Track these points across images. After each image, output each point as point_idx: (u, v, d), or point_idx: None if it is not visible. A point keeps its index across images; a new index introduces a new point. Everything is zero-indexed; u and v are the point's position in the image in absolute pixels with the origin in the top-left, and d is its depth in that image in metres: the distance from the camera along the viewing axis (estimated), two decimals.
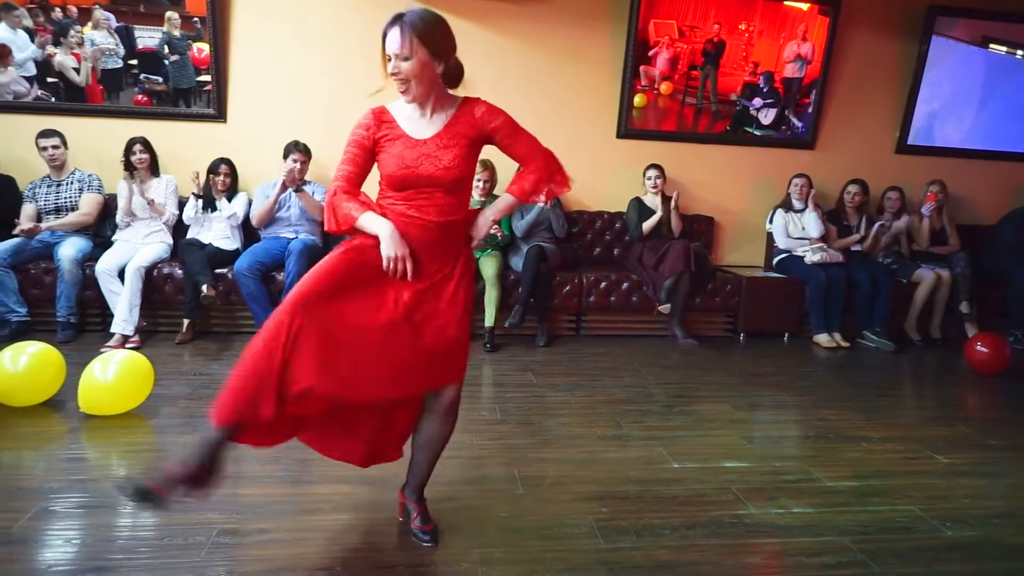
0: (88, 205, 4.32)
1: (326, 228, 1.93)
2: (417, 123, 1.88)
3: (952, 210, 5.43)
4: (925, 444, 3.06)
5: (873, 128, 5.49)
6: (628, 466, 2.68)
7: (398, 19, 1.79)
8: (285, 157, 4.45)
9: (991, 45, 5.46)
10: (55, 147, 4.24)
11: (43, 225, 4.13)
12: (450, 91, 1.92)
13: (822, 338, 4.77)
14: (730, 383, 3.86)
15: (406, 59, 1.77)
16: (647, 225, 4.80)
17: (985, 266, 5.09)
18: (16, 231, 4.05)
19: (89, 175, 4.38)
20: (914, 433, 3.20)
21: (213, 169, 4.42)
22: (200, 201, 4.38)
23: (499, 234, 4.57)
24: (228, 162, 4.47)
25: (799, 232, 5.03)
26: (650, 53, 5.05)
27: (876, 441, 3.07)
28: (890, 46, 5.36)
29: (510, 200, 1.99)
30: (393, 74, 1.80)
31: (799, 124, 5.34)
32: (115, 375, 2.93)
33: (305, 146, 4.46)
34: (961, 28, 5.36)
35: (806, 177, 5.06)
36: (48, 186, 4.30)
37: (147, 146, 4.34)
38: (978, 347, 4.20)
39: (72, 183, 4.33)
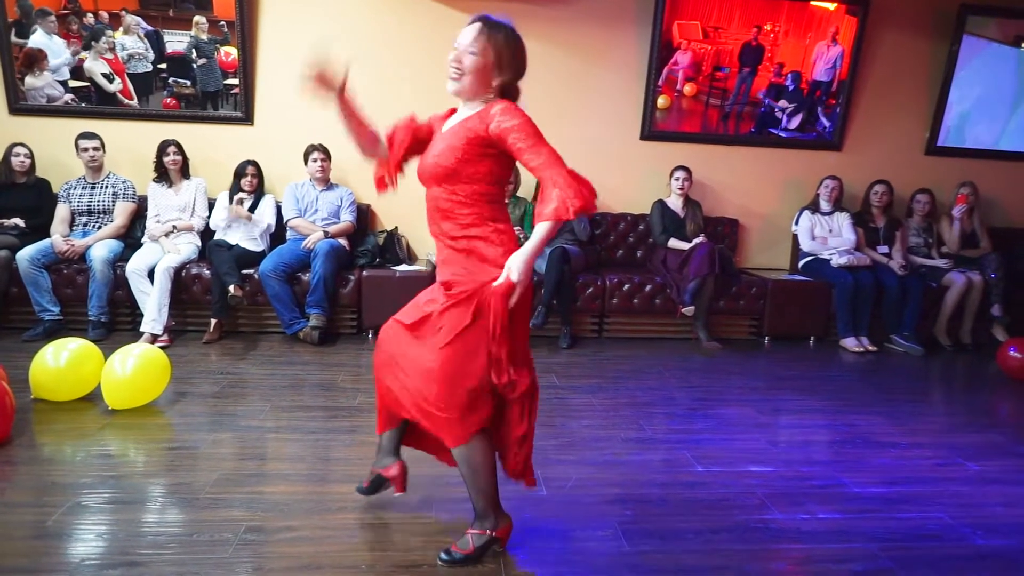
0: (122, 216, 4.41)
1: None
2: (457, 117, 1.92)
3: (983, 212, 5.32)
4: (955, 451, 3.00)
5: (902, 129, 5.41)
6: (652, 469, 2.67)
7: (481, 18, 1.84)
8: (306, 158, 4.53)
9: None
10: (95, 149, 4.34)
11: (79, 245, 4.22)
12: None
13: (849, 342, 4.71)
14: (755, 387, 3.83)
15: (472, 54, 1.81)
16: (675, 243, 4.78)
17: (1021, 269, 4.99)
18: (56, 251, 4.16)
19: (124, 181, 4.47)
20: (944, 439, 3.14)
21: (240, 171, 4.49)
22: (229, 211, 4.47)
23: (522, 236, 4.58)
24: (254, 163, 4.53)
25: (825, 233, 4.97)
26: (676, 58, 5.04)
27: (905, 447, 3.02)
28: (920, 46, 5.28)
29: (543, 229, 1.74)
30: (453, 61, 1.82)
31: (828, 123, 5.28)
32: (133, 368, 3.00)
33: (324, 147, 4.52)
34: (993, 27, 5.26)
35: (838, 180, 5.01)
36: (83, 188, 4.39)
37: (180, 148, 4.43)
38: (1012, 352, 4.12)
39: (107, 187, 4.42)
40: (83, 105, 4.67)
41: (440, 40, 1.91)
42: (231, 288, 4.07)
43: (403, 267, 4.59)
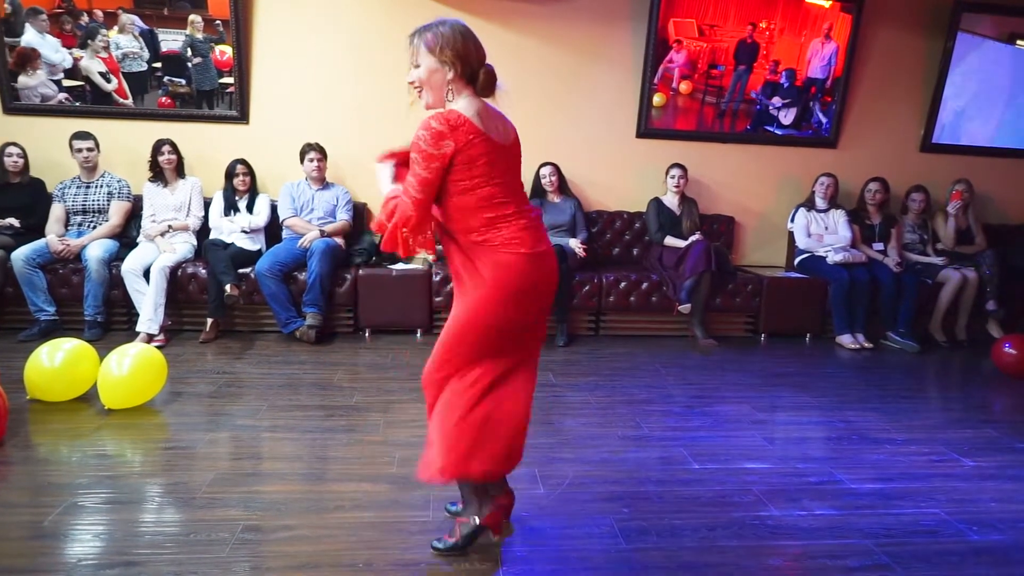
0: (117, 215, 4.40)
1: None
2: None
3: (978, 209, 5.34)
4: (951, 446, 3.01)
5: (897, 126, 5.42)
6: (648, 466, 2.68)
7: (413, 32, 1.87)
8: (302, 157, 4.52)
9: (1018, 42, 5.36)
10: (89, 149, 4.33)
11: (74, 245, 4.20)
12: (486, 100, 1.88)
13: (845, 339, 4.72)
14: (751, 384, 3.84)
15: (416, 66, 1.86)
16: (671, 241, 4.79)
17: (1016, 265, 5.01)
18: (51, 250, 4.15)
19: (119, 181, 4.46)
20: (939, 435, 3.15)
21: (230, 171, 4.48)
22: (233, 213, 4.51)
23: None
24: (244, 162, 4.52)
25: (821, 231, 4.98)
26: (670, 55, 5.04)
27: (900, 443, 3.04)
28: (914, 43, 5.29)
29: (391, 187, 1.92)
30: (410, 82, 1.88)
31: (824, 120, 5.29)
32: (129, 368, 3.00)
33: (320, 146, 4.52)
34: (987, 24, 5.27)
35: (833, 177, 5.02)
36: (77, 187, 4.38)
37: (175, 148, 4.42)
38: (1006, 348, 4.13)
39: (101, 187, 4.40)
40: (77, 104, 4.65)
41: (406, 36, 1.90)
42: (227, 287, 4.07)
43: (399, 266, 4.58)
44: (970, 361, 4.58)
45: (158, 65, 4.68)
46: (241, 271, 4.25)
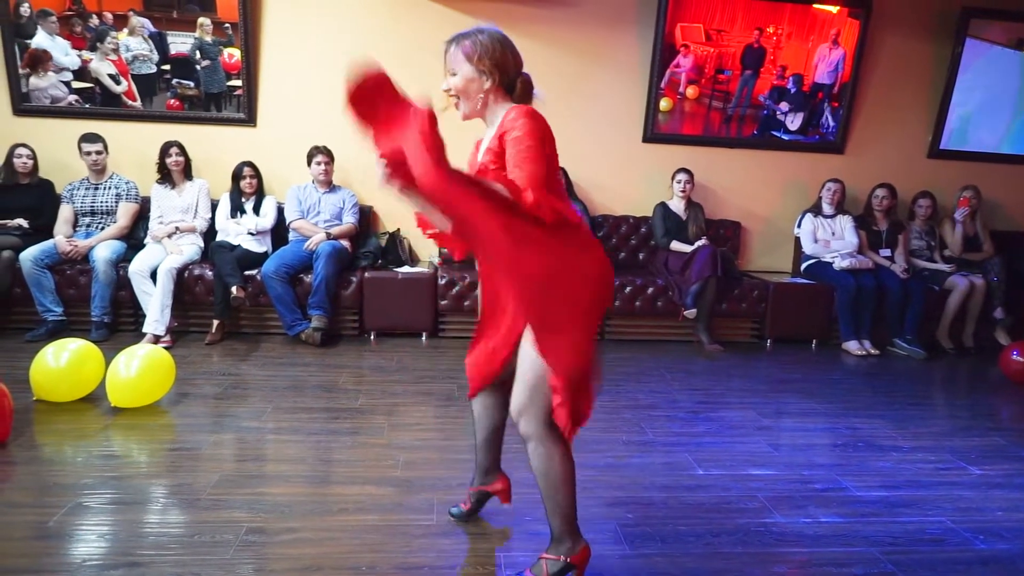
0: (125, 217, 4.42)
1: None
2: (484, 142, 1.86)
3: (986, 216, 5.32)
4: (957, 454, 3.00)
5: (905, 132, 5.41)
6: (653, 472, 2.67)
7: (451, 39, 1.82)
8: (309, 160, 4.53)
9: None
10: (98, 152, 4.35)
11: (82, 246, 4.23)
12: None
13: (851, 345, 4.70)
14: (757, 389, 3.83)
15: (453, 74, 1.80)
16: (677, 246, 4.79)
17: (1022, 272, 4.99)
18: (59, 251, 4.17)
19: (127, 182, 4.48)
20: (946, 443, 3.14)
21: (237, 173, 4.50)
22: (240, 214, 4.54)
23: None
24: (251, 165, 4.54)
25: (828, 236, 4.97)
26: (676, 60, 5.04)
27: (907, 451, 3.02)
28: (922, 49, 5.28)
29: (496, 184, 1.61)
30: (445, 90, 1.82)
31: (833, 123, 5.27)
32: (138, 369, 3.01)
33: (327, 149, 4.53)
34: (995, 30, 5.25)
35: (840, 183, 5.00)
36: (86, 189, 4.40)
37: (182, 149, 4.44)
38: (1014, 356, 4.11)
39: (110, 188, 4.43)
40: (87, 106, 4.68)
41: (442, 42, 1.89)
42: (233, 289, 4.08)
43: (405, 268, 4.59)
44: (977, 368, 4.56)
45: (167, 67, 4.71)
46: (247, 273, 4.27)
